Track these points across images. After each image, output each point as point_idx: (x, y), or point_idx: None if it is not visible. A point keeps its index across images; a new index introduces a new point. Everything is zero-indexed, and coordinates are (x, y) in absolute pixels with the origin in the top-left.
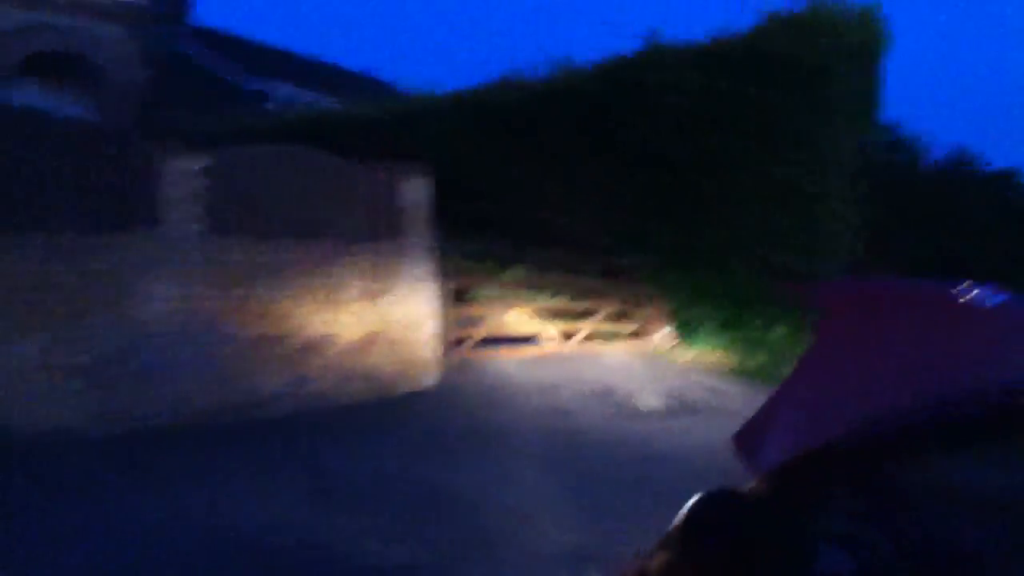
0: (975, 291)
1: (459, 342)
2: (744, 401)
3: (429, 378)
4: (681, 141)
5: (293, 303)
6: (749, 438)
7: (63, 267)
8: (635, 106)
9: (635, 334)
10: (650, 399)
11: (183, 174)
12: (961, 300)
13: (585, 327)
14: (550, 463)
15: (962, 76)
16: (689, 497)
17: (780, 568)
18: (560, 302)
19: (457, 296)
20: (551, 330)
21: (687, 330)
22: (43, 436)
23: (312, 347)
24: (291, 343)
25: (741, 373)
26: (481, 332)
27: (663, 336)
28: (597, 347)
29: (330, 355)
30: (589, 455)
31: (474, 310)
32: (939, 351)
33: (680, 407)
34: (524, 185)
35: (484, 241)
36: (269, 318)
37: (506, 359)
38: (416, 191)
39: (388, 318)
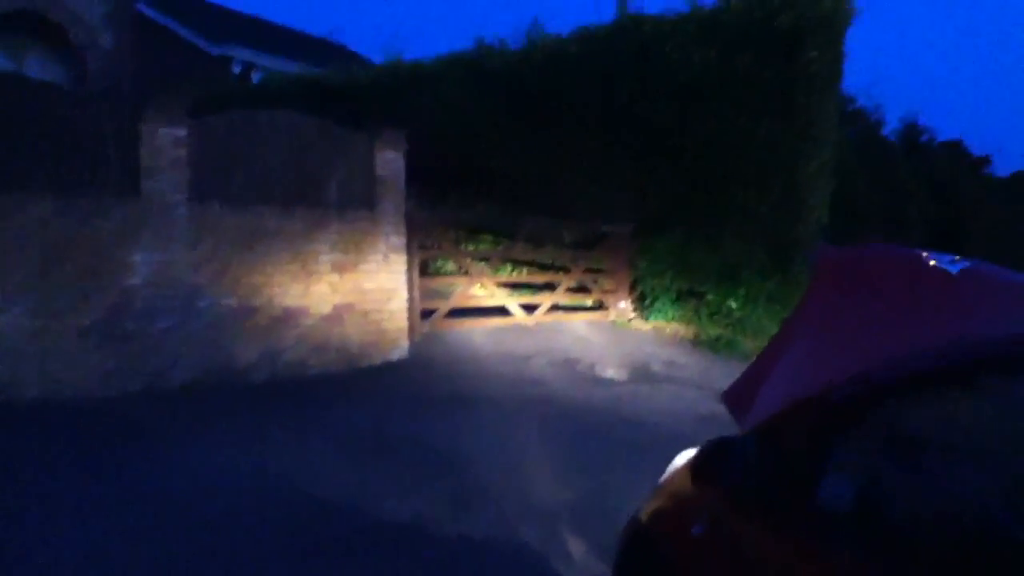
0: (942, 259)
1: (428, 313)
2: (699, 372)
3: (401, 349)
4: (662, 109)
5: (270, 273)
6: (738, 395)
7: (42, 231)
8: (615, 74)
9: (596, 306)
10: (613, 369)
11: (165, 140)
12: (932, 265)
13: (549, 299)
14: (529, 426)
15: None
16: (663, 455)
17: (785, 498)
18: (525, 274)
19: (425, 268)
20: (516, 302)
21: (645, 302)
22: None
23: (287, 318)
24: (266, 313)
25: (697, 344)
26: (449, 303)
27: (622, 308)
28: (560, 318)
29: (304, 326)
30: (565, 419)
31: (442, 282)
32: (916, 308)
33: (641, 376)
34: (500, 154)
35: (456, 211)
36: (246, 288)
37: (473, 330)
38: (394, 160)
39: (361, 289)
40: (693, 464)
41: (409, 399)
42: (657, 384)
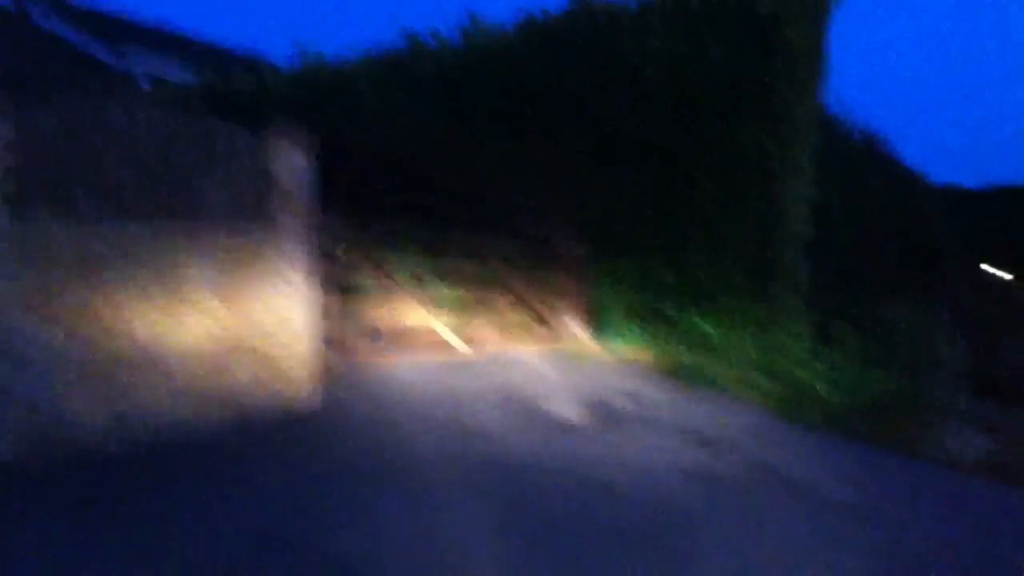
0: None
1: (345, 348)
2: (672, 409)
3: (307, 397)
4: (621, 110)
5: (125, 304)
6: None
7: None
8: (565, 70)
9: (547, 331)
10: (572, 410)
11: None
12: None
13: (492, 324)
14: (472, 512)
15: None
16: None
17: None
18: (462, 294)
19: (342, 291)
20: (453, 329)
21: (601, 324)
22: None
23: (150, 363)
24: (121, 357)
25: (663, 373)
26: (370, 334)
27: (579, 333)
28: (507, 347)
29: (171, 373)
30: (520, 495)
31: (362, 307)
32: None
33: (607, 418)
34: (435, 163)
35: (379, 224)
36: (93, 325)
37: (402, 366)
38: (297, 165)
39: (254, 321)
40: None
41: (309, 474)
42: (627, 428)
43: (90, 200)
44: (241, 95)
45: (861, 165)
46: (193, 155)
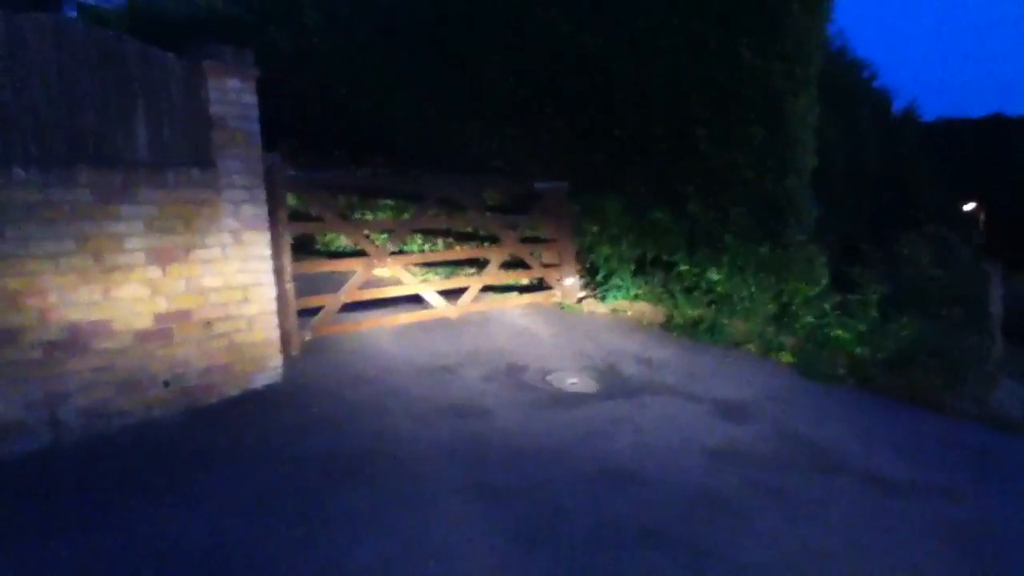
0: None
1: (310, 313)
2: (684, 371)
3: (269, 372)
4: (605, 34)
5: (36, 273)
6: None
7: None
8: None
9: (537, 285)
10: (573, 375)
11: None
12: None
13: (477, 281)
14: (460, 514)
15: None
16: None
17: None
18: (441, 249)
19: (304, 248)
20: (433, 288)
21: (599, 277)
22: None
23: (74, 342)
24: (33, 339)
25: (670, 329)
26: (340, 297)
27: (570, 285)
28: (492, 305)
29: (106, 351)
30: (517, 486)
31: (327, 266)
32: None
33: (613, 384)
34: (393, 100)
35: (341, 170)
36: None
37: (377, 332)
38: (238, 93)
39: (200, 288)
40: None
41: (269, 463)
42: (636, 396)
43: None
44: (176, 17)
45: (853, 96)
46: (111, 86)
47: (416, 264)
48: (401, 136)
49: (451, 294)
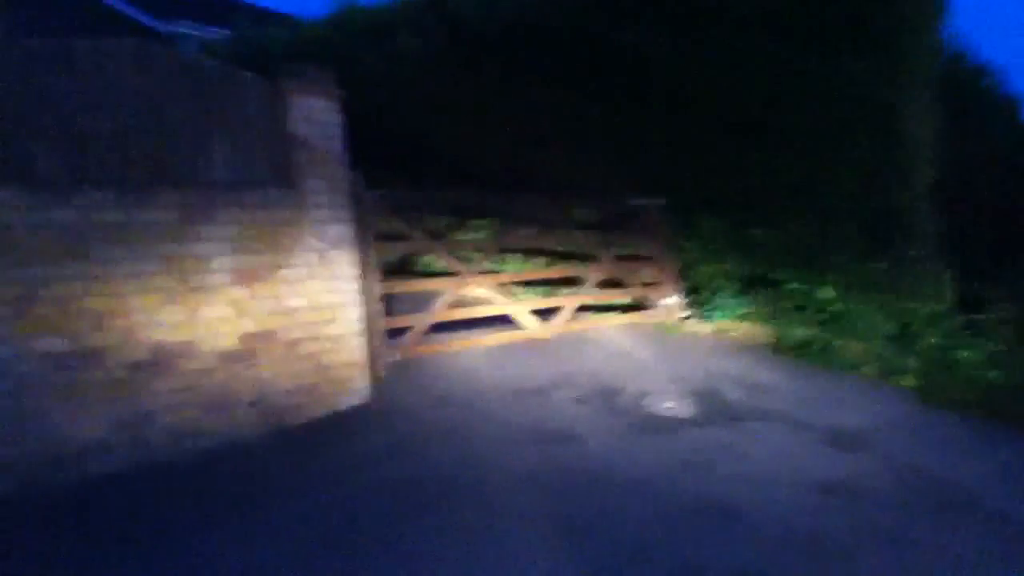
0: None
1: (398, 333)
2: (793, 396)
3: (355, 394)
4: (701, 47)
5: (121, 294)
6: None
7: None
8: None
9: (636, 305)
10: (671, 399)
11: None
12: None
13: (573, 300)
14: (550, 542)
15: None
16: None
17: None
18: (535, 269)
19: (393, 269)
20: (526, 308)
21: (702, 296)
22: None
23: (159, 362)
24: (119, 360)
25: (778, 351)
26: (429, 317)
27: (672, 305)
28: (587, 325)
29: (190, 372)
30: (606, 517)
31: (417, 286)
32: None
33: (715, 410)
34: (475, 121)
35: (428, 189)
36: (81, 321)
37: (467, 354)
38: (323, 114)
39: (285, 308)
40: None
41: (353, 489)
42: (741, 423)
43: (61, 165)
44: (275, 44)
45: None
46: (191, 108)
47: (510, 283)
48: (490, 160)
49: (546, 314)
